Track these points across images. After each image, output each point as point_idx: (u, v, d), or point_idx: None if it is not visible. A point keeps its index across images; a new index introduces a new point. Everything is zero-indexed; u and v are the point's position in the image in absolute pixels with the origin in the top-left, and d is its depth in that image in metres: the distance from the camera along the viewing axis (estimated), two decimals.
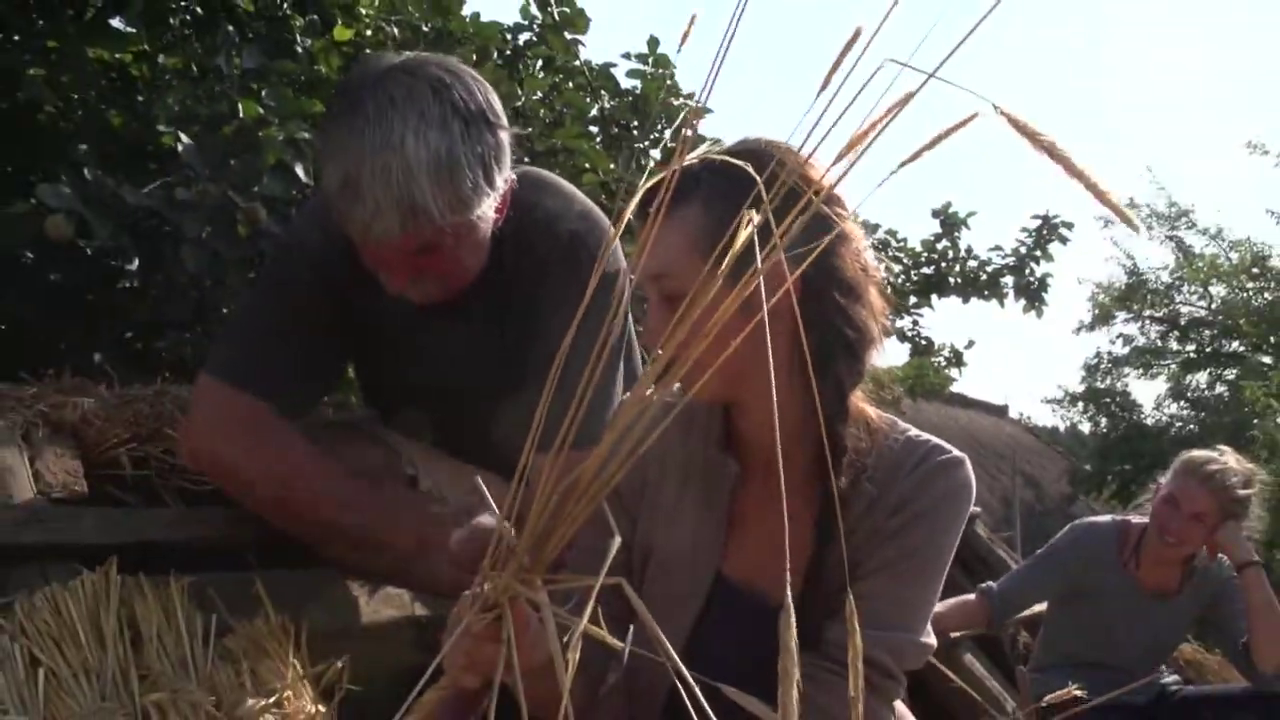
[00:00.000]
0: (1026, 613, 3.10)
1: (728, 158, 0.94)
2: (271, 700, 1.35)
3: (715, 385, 0.86)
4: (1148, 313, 20.25)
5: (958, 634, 2.88)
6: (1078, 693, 1.01)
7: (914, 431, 1.30)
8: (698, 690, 0.71)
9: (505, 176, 1.55)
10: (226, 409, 1.61)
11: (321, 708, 1.40)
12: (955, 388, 10.89)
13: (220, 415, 1.62)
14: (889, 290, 1.27)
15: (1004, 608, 2.91)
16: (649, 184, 0.83)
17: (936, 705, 2.38)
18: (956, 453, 1.27)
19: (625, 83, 4.00)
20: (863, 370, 1.24)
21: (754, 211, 0.77)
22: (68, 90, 2.77)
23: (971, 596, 2.94)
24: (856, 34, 0.74)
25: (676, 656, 0.73)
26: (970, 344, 6.76)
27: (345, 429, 1.87)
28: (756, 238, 0.76)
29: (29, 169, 2.79)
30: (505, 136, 1.53)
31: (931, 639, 1.26)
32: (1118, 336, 20.56)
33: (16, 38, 2.86)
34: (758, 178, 0.81)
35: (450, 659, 0.92)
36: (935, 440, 1.29)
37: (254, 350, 1.65)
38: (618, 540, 0.81)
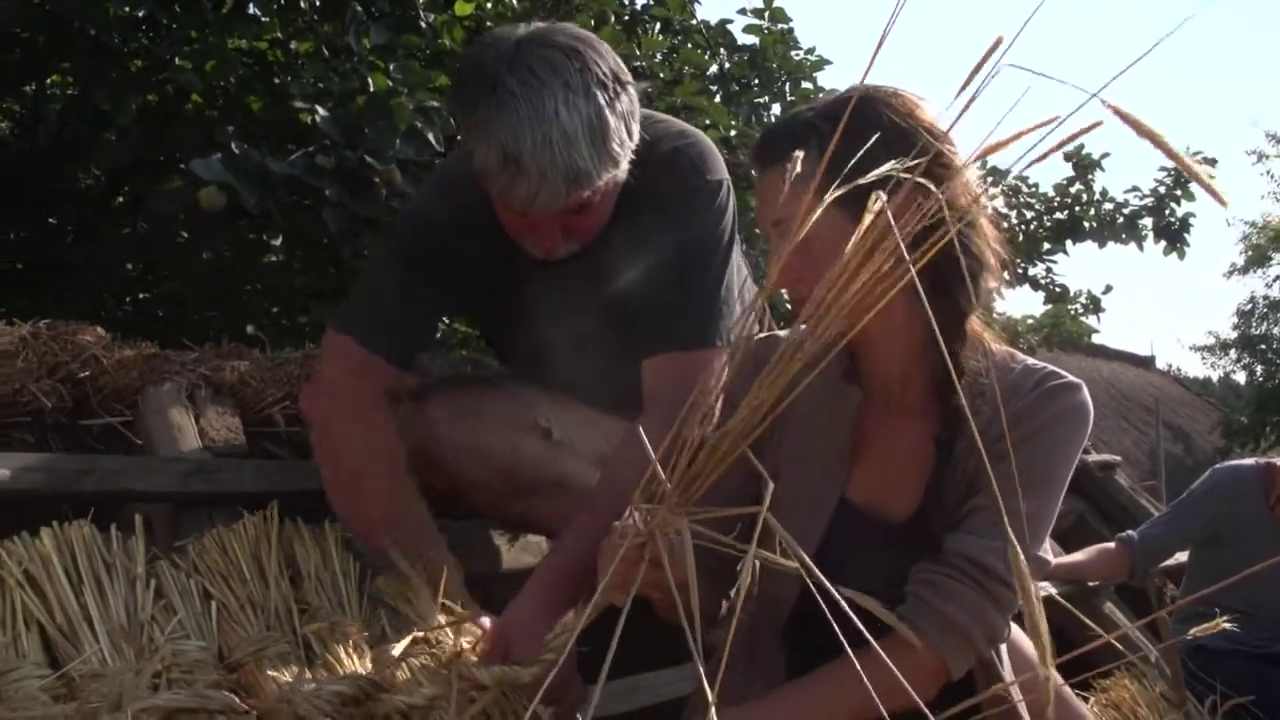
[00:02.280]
0: (1169, 561, 3.00)
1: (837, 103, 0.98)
2: (422, 636, 1.44)
3: (845, 322, 0.91)
4: None
5: (1096, 583, 2.81)
6: (1226, 625, 1.00)
7: (1032, 361, 1.34)
8: (835, 592, 0.81)
9: (638, 128, 1.61)
10: (342, 358, 1.70)
11: (467, 645, 1.48)
12: (1097, 339, 10.50)
13: (335, 364, 1.72)
14: (1020, 239, 1.29)
15: (1145, 556, 2.81)
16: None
17: (1072, 648, 2.34)
18: (1073, 378, 1.31)
19: (742, 39, 4.00)
20: (979, 295, 1.27)
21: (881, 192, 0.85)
22: (212, 78, 2.95)
23: (1111, 545, 2.86)
24: (998, 42, 0.79)
25: (807, 572, 0.82)
26: (1108, 289, 6.50)
27: (481, 384, 1.95)
28: (876, 184, 0.84)
29: (181, 155, 2.98)
30: (634, 91, 1.60)
31: (1050, 556, 1.29)
32: (1275, 278, 19.49)
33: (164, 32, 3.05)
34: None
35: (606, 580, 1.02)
36: (1052, 367, 1.33)
37: (368, 305, 1.75)
38: (771, 485, 0.87)
